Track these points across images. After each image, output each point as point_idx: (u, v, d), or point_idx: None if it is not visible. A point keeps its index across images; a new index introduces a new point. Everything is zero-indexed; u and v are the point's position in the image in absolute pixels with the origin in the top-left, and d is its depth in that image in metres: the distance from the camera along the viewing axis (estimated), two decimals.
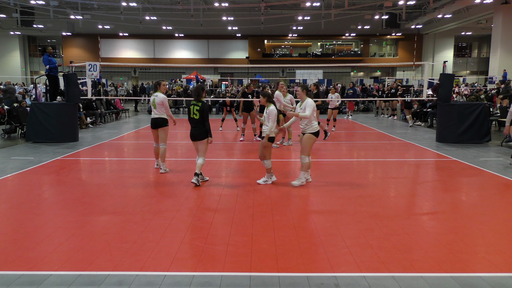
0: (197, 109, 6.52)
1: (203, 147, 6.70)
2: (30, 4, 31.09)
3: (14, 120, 12.31)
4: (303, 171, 6.65)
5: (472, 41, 47.20)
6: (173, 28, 40.11)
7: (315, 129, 6.56)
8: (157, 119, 7.55)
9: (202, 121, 6.55)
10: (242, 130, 12.03)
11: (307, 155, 6.58)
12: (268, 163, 6.68)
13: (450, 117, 11.11)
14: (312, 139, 6.59)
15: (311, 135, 6.55)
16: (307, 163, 6.61)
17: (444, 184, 6.89)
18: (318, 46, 48.27)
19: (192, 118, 6.59)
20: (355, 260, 3.88)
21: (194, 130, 6.66)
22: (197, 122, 6.59)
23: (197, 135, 6.64)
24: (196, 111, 6.53)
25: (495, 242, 4.36)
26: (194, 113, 6.56)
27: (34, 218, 5.09)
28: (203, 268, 3.74)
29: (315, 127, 6.56)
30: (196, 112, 6.53)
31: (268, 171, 6.77)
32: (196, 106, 6.54)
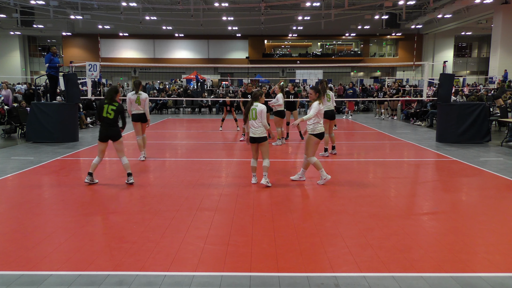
0: (113, 109, 6.53)
1: (120, 146, 6.69)
2: (30, 4, 31.10)
3: (14, 120, 12.31)
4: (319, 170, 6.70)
5: (472, 41, 47.23)
6: (173, 28, 40.12)
7: (317, 131, 6.54)
8: (141, 114, 8.64)
9: (116, 120, 6.59)
10: (243, 130, 12.04)
11: (312, 155, 6.62)
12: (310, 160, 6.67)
13: (450, 117, 11.11)
14: (312, 141, 6.58)
15: (311, 137, 6.57)
16: (316, 162, 6.64)
17: (444, 184, 6.89)
18: (318, 46, 48.30)
19: (106, 118, 6.54)
20: (355, 260, 3.88)
21: (109, 131, 6.59)
22: (111, 122, 6.56)
23: (112, 135, 6.61)
24: (111, 110, 6.53)
25: (495, 242, 4.36)
26: (108, 113, 6.53)
27: (34, 218, 5.10)
28: (203, 268, 3.74)
29: (317, 128, 6.54)
30: (111, 112, 6.52)
31: (306, 167, 6.87)
32: (112, 106, 6.54)
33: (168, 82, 37.04)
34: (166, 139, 12.49)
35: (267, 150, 6.61)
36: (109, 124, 6.60)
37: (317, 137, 6.59)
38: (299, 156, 9.49)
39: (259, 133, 6.48)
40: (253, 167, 6.77)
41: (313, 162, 6.61)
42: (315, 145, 6.64)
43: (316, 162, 6.63)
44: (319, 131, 6.56)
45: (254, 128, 6.49)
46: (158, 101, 22.13)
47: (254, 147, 6.64)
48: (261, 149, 6.59)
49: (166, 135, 13.50)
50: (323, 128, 6.62)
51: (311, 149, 6.62)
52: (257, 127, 6.47)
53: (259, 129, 6.48)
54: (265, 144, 6.57)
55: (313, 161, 6.61)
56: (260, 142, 6.52)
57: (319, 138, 6.61)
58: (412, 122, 16.38)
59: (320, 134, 6.58)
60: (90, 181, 6.69)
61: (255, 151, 6.67)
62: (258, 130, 6.49)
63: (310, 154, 6.62)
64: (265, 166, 6.57)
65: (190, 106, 23.19)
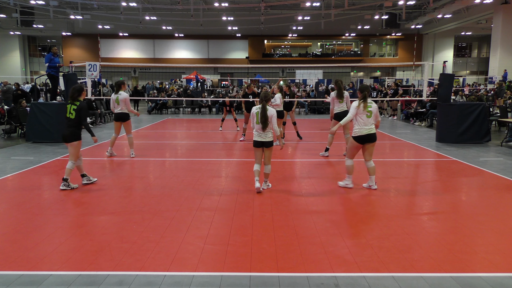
0: (74, 108, 6.34)
1: (73, 150, 6.37)
2: (30, 4, 31.11)
3: (14, 120, 12.31)
4: (348, 174, 6.51)
5: (472, 41, 47.23)
6: (173, 28, 40.13)
7: (354, 133, 6.30)
8: (121, 114, 8.90)
9: (78, 121, 6.35)
10: (243, 130, 12.04)
11: (348, 157, 6.48)
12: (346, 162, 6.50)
13: (450, 117, 11.11)
14: (350, 142, 6.43)
15: (350, 138, 6.46)
16: (347, 166, 6.46)
17: (444, 184, 6.89)
18: (318, 46, 48.30)
19: (68, 118, 6.37)
20: (355, 260, 3.88)
21: (65, 131, 6.37)
22: (72, 122, 6.35)
23: (67, 136, 6.34)
24: (72, 110, 6.34)
25: (495, 242, 4.36)
26: (70, 113, 6.35)
27: (34, 218, 5.10)
28: (203, 268, 3.74)
29: (354, 130, 6.30)
30: (72, 112, 6.34)
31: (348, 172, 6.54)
32: (73, 106, 6.35)
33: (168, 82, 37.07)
34: (166, 139, 12.49)
35: (271, 155, 6.37)
36: (68, 125, 6.38)
37: (353, 139, 6.32)
38: (298, 156, 9.50)
39: (269, 136, 6.18)
40: (257, 171, 6.32)
41: (346, 164, 6.47)
42: (352, 148, 6.43)
43: (350, 166, 6.44)
44: (355, 133, 6.27)
45: (264, 131, 6.14)
46: (158, 101, 22.13)
47: (260, 152, 6.24)
48: (267, 153, 6.28)
49: (166, 135, 13.50)
50: (361, 131, 6.22)
51: (349, 151, 6.46)
52: (267, 131, 6.17)
53: (269, 133, 6.18)
54: (272, 149, 6.33)
55: (346, 163, 6.45)
56: (268, 146, 6.22)
57: (357, 141, 6.30)
58: (412, 122, 16.40)
59: (355, 137, 6.28)
60: (88, 181, 6.66)
61: (261, 156, 6.27)
62: (269, 134, 6.18)
63: (348, 155, 6.48)
64: (267, 173, 6.39)
65: (190, 106, 23.19)
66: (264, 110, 6.07)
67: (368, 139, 6.28)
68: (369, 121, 6.25)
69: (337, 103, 8.88)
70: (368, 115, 6.23)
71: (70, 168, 6.40)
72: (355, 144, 6.34)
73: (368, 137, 6.25)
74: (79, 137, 6.43)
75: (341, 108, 8.84)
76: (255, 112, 6.16)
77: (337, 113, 8.88)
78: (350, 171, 6.47)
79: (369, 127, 6.25)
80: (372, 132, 6.28)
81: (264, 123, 6.05)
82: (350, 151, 6.48)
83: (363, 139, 6.27)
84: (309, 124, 16.26)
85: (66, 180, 6.37)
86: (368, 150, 6.34)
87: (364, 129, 6.23)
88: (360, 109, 6.22)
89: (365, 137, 6.25)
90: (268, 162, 6.33)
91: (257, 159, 6.28)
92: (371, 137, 6.28)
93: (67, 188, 6.34)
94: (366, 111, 6.22)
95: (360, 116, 6.24)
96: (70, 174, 6.40)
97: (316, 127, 15.44)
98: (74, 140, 6.36)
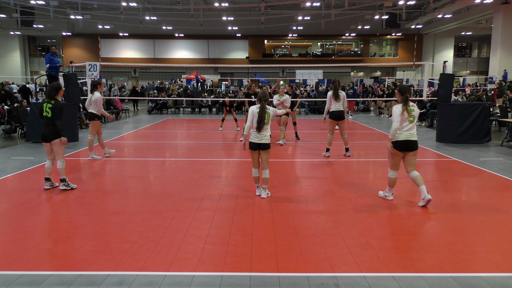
0: (50, 107, 6.27)
1: (57, 148, 6.30)
2: (30, 4, 31.11)
3: (14, 120, 12.31)
4: (389, 187, 5.84)
5: (472, 41, 47.24)
6: (173, 28, 40.13)
7: (394, 138, 5.54)
8: (89, 113, 8.88)
9: (55, 119, 6.26)
10: (243, 130, 12.03)
11: (390, 168, 5.75)
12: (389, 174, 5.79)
13: (450, 117, 11.11)
14: (389, 150, 5.66)
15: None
16: (389, 177, 5.74)
17: (444, 184, 6.89)
18: (318, 46, 48.30)
19: (45, 117, 6.31)
20: (355, 260, 3.88)
21: (44, 130, 6.30)
22: (49, 120, 6.28)
23: (47, 135, 6.27)
24: (48, 109, 6.28)
25: (495, 242, 4.36)
26: (46, 111, 6.29)
27: (34, 218, 5.10)
28: (203, 268, 3.74)
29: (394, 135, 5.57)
30: (48, 110, 6.28)
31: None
32: (49, 104, 6.29)
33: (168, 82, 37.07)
34: (166, 139, 12.48)
35: (268, 159, 6.00)
36: (47, 123, 6.30)
37: (392, 144, 5.56)
38: (299, 156, 9.50)
39: (267, 138, 5.90)
40: (256, 178, 6.06)
41: (389, 175, 5.75)
42: (390, 155, 5.69)
43: (392, 179, 5.74)
44: (394, 138, 5.53)
45: (262, 133, 5.87)
46: (158, 101, 22.14)
47: (257, 154, 5.95)
48: (264, 157, 5.92)
49: (166, 135, 13.49)
50: (399, 136, 5.49)
51: (389, 159, 5.75)
52: (263, 131, 5.88)
53: (267, 135, 5.92)
54: (269, 152, 5.98)
55: (388, 175, 5.76)
56: (265, 149, 5.88)
57: (394, 148, 5.56)
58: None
59: (394, 143, 5.53)
60: (50, 186, 6.46)
61: (257, 159, 5.99)
62: (266, 136, 5.91)
63: (389, 165, 5.76)
64: (266, 178, 5.98)
65: (190, 106, 23.19)
66: (262, 111, 5.83)
67: (406, 146, 5.48)
68: (411, 126, 5.50)
69: (334, 102, 8.92)
70: (411, 120, 5.49)
71: (62, 167, 6.32)
72: (393, 151, 5.58)
73: (406, 144, 5.47)
74: (60, 134, 6.31)
75: (337, 107, 8.89)
76: (256, 111, 5.88)
77: (332, 111, 8.90)
78: (392, 184, 5.79)
79: (410, 133, 5.49)
80: (412, 139, 5.49)
81: (259, 124, 5.81)
82: (390, 160, 5.72)
83: (401, 145, 5.49)
84: (309, 124, 16.25)
85: (64, 180, 6.33)
86: (408, 159, 5.55)
87: (402, 134, 5.48)
88: (405, 116, 5.45)
89: (403, 144, 5.48)
90: (266, 166, 5.95)
91: (254, 163, 6.02)
92: (410, 145, 5.48)
93: (67, 188, 6.31)
94: (409, 116, 5.48)
95: (404, 119, 5.50)
96: (64, 173, 6.34)
97: (316, 127, 15.44)
98: (55, 138, 6.26)
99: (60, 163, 6.32)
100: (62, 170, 6.32)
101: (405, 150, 5.52)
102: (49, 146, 6.37)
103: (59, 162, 6.32)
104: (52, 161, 6.44)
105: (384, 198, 5.91)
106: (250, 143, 5.97)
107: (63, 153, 6.38)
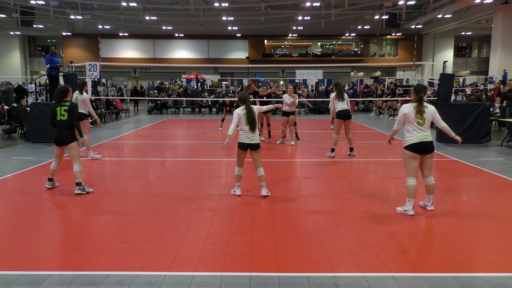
0: (66, 109, 6.11)
1: (73, 152, 6.17)
2: (30, 4, 31.12)
3: (14, 120, 12.31)
4: (408, 198, 5.28)
5: (472, 41, 47.24)
6: (173, 28, 40.13)
7: (405, 143, 5.23)
8: (81, 114, 8.48)
9: (70, 122, 6.13)
10: None
11: (407, 175, 5.29)
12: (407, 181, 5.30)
13: (450, 117, 11.09)
14: (403, 155, 5.29)
15: (403, 150, 5.30)
16: (408, 186, 5.25)
17: (444, 184, 6.88)
18: (318, 46, 48.30)
19: (60, 121, 6.12)
20: (355, 260, 3.88)
21: (59, 134, 6.12)
22: (65, 123, 6.12)
23: (63, 139, 6.11)
24: (64, 111, 6.10)
25: (495, 242, 4.36)
26: (61, 114, 6.10)
27: (34, 218, 5.10)
28: (203, 268, 3.74)
29: (405, 139, 5.25)
30: (64, 113, 6.10)
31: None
32: (64, 106, 6.11)
33: (168, 82, 37.07)
34: (166, 139, 12.49)
35: (260, 158, 6.00)
36: (62, 127, 6.14)
37: (405, 149, 5.22)
38: (299, 156, 9.50)
39: (257, 138, 5.93)
40: (239, 176, 6.09)
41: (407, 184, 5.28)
42: (406, 161, 5.27)
43: (411, 187, 5.22)
44: (406, 143, 5.21)
45: (251, 133, 5.88)
46: (158, 101, 22.14)
47: (244, 155, 5.98)
48: (256, 156, 5.94)
49: (166, 135, 13.50)
50: (413, 139, 5.15)
51: (405, 167, 5.32)
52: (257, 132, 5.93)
53: (257, 134, 5.97)
54: (260, 151, 5.99)
55: (407, 182, 5.27)
56: (256, 148, 5.91)
57: (410, 151, 5.17)
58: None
59: (408, 146, 5.18)
60: (51, 186, 6.44)
61: (243, 159, 6.03)
62: (257, 136, 5.94)
63: (406, 172, 5.31)
64: (263, 175, 6.02)
65: (190, 106, 23.19)
66: (249, 111, 5.86)
67: (423, 148, 5.15)
68: (421, 128, 5.16)
69: (339, 102, 8.95)
70: (420, 122, 5.13)
71: (79, 170, 6.13)
72: (408, 154, 5.21)
73: (422, 145, 5.13)
74: (75, 137, 6.24)
75: (343, 106, 8.90)
76: (242, 113, 5.88)
77: (339, 111, 8.92)
78: (411, 194, 5.22)
79: (423, 134, 5.15)
80: (427, 140, 5.14)
81: (251, 124, 5.83)
82: (406, 167, 5.30)
83: (417, 148, 5.15)
84: (309, 124, 16.26)
85: (80, 184, 6.13)
86: (425, 163, 5.25)
87: (415, 136, 5.15)
88: (410, 116, 5.15)
89: (419, 146, 5.14)
90: (260, 165, 5.99)
91: (240, 162, 6.03)
92: (426, 146, 5.15)
93: (82, 192, 6.12)
94: (418, 118, 5.12)
95: (409, 124, 5.20)
96: (80, 176, 6.17)
97: (316, 127, 15.45)
98: (72, 141, 6.16)
99: (77, 167, 6.13)
100: (78, 173, 6.13)
101: (421, 153, 5.18)
102: (60, 150, 6.25)
103: (75, 166, 6.13)
104: (58, 164, 6.38)
105: (403, 213, 5.27)
106: (240, 144, 5.95)
107: (78, 156, 6.26)
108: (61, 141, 6.17)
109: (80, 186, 6.15)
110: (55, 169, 6.40)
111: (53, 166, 6.39)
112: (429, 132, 5.23)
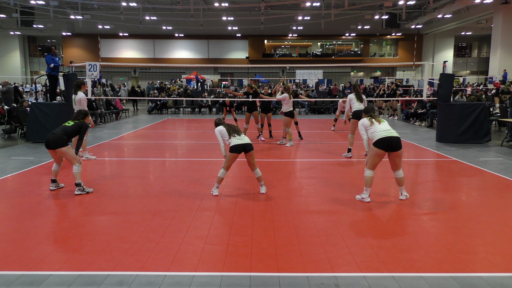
0: (76, 122, 6.35)
1: (67, 155, 6.06)
2: (30, 4, 31.12)
3: (14, 120, 12.31)
4: (365, 187, 5.69)
5: (472, 41, 47.23)
6: (173, 28, 40.13)
7: (375, 137, 5.54)
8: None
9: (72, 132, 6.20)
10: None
11: (366, 167, 5.63)
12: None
13: (450, 117, 11.11)
14: (371, 150, 5.62)
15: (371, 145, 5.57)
16: (365, 177, 5.64)
17: (444, 184, 6.89)
18: (318, 46, 48.29)
19: (63, 125, 6.28)
20: (355, 260, 3.88)
21: (50, 135, 6.02)
22: (65, 129, 6.18)
23: (52, 142, 5.97)
24: (73, 122, 6.35)
25: (495, 242, 4.36)
26: (68, 122, 6.33)
27: (34, 218, 5.10)
28: (203, 268, 3.74)
29: (374, 134, 5.57)
30: (72, 122, 6.34)
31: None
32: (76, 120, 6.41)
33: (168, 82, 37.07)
34: (166, 139, 12.49)
35: (254, 159, 6.04)
36: (60, 130, 6.15)
37: (373, 145, 5.53)
38: (300, 156, 9.50)
39: (247, 139, 6.00)
40: (221, 179, 6.06)
41: (364, 175, 5.66)
42: (372, 155, 5.56)
43: (368, 178, 5.60)
44: (375, 138, 5.52)
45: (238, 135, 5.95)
46: (158, 101, 22.14)
47: (235, 159, 5.96)
48: (251, 160, 5.98)
49: (166, 135, 13.50)
50: (381, 133, 5.51)
51: (368, 159, 5.61)
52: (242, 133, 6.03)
53: (244, 135, 6.02)
54: (254, 152, 6.01)
55: (365, 173, 5.64)
56: (250, 150, 5.94)
57: (374, 146, 5.51)
58: (412, 122, 16.42)
59: (376, 142, 5.49)
60: (56, 187, 6.40)
61: (232, 164, 6.03)
62: (244, 136, 6.02)
63: (367, 164, 5.62)
64: (260, 176, 6.11)
65: (190, 106, 23.19)
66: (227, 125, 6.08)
67: (390, 145, 5.46)
68: (384, 125, 5.64)
69: (356, 103, 8.92)
70: (380, 122, 5.71)
71: (78, 171, 6.09)
72: (375, 151, 5.52)
73: (389, 141, 5.45)
74: (66, 143, 6.07)
75: (359, 106, 8.84)
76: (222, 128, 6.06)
77: (355, 111, 8.91)
78: (368, 183, 5.65)
79: (389, 130, 5.58)
80: (394, 135, 5.53)
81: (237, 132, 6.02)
82: (369, 159, 5.62)
83: (384, 143, 5.45)
84: (309, 124, 16.26)
85: (79, 185, 6.14)
86: (393, 159, 5.57)
87: (381, 132, 5.51)
88: (367, 124, 5.71)
89: (386, 141, 5.45)
90: (256, 167, 6.04)
91: (227, 166, 5.98)
92: (393, 142, 5.48)
93: (82, 193, 6.12)
94: (376, 120, 5.69)
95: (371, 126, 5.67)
96: (80, 177, 6.15)
97: (317, 127, 15.45)
98: (62, 146, 5.98)
99: (76, 168, 6.08)
100: (77, 174, 6.09)
101: (389, 150, 5.51)
102: (52, 152, 6.15)
103: (74, 167, 6.09)
104: (59, 164, 6.32)
105: (361, 200, 5.72)
106: (233, 147, 5.89)
107: (76, 157, 6.16)
108: (50, 144, 5.99)
109: (79, 187, 6.14)
110: (57, 170, 6.36)
111: (54, 167, 6.36)
112: (393, 130, 5.71)
